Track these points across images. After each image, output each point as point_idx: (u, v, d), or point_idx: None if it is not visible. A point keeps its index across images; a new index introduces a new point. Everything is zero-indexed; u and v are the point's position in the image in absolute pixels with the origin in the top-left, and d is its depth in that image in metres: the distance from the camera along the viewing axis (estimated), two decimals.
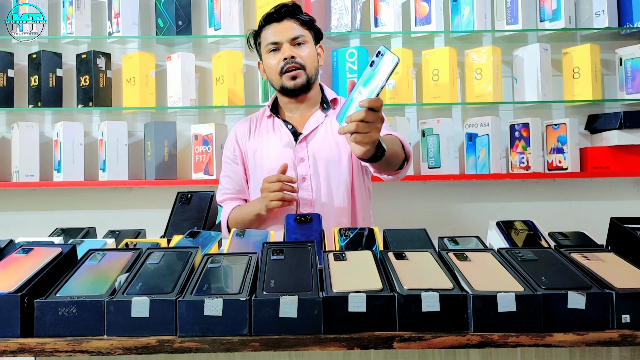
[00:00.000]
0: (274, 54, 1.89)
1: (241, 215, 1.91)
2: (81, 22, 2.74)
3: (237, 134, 2.04)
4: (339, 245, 1.46)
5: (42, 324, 1.08)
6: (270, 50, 1.89)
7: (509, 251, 1.30)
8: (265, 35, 1.91)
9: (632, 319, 1.09)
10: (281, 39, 1.87)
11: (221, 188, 2.04)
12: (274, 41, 1.88)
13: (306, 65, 1.88)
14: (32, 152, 2.72)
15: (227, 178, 2.03)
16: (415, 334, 1.06)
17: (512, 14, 2.73)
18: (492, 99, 2.70)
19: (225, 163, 2.05)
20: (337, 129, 1.84)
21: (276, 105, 2.03)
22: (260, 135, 1.99)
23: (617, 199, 2.86)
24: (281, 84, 1.90)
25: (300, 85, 1.89)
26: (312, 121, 1.94)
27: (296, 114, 1.98)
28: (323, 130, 1.93)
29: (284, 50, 1.87)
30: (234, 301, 1.07)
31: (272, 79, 1.93)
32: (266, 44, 1.90)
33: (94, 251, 1.32)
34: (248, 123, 2.05)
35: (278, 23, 1.88)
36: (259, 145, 1.97)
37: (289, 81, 1.88)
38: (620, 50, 2.75)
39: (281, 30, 1.87)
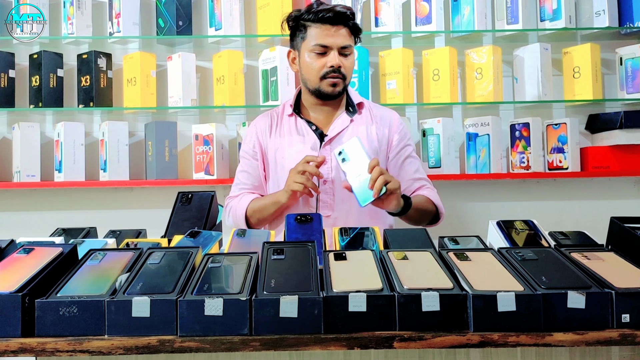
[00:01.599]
0: (319, 57, 1.85)
1: (261, 205, 1.88)
2: (82, 22, 2.74)
3: (257, 130, 2.00)
4: (339, 245, 1.46)
5: (43, 323, 1.08)
6: (315, 51, 1.85)
7: (509, 251, 1.30)
8: (314, 33, 1.85)
9: (632, 318, 1.09)
10: (332, 45, 1.83)
11: (238, 182, 2.01)
12: (325, 45, 1.84)
13: (347, 76, 1.88)
14: (33, 152, 2.72)
15: (246, 173, 2.00)
16: (416, 334, 1.07)
17: (513, 13, 2.73)
18: (492, 98, 2.70)
19: (243, 158, 2.02)
20: (363, 134, 1.92)
21: (297, 104, 2.00)
22: (282, 134, 1.96)
23: (617, 198, 2.86)
24: (318, 87, 1.88)
25: (338, 92, 1.89)
26: (337, 124, 1.93)
27: (321, 115, 1.96)
28: (348, 134, 1.92)
29: (332, 58, 1.83)
30: (235, 301, 1.07)
31: (308, 79, 1.90)
32: (314, 43, 1.84)
33: (94, 251, 1.32)
34: (269, 119, 2.01)
35: (331, 26, 1.83)
36: (281, 144, 1.94)
37: (329, 87, 1.87)
38: (620, 49, 2.75)
39: (333, 36, 1.83)
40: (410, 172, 1.98)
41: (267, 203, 1.87)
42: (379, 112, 2.01)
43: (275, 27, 2.73)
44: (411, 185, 1.97)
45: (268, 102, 2.74)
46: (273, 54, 2.72)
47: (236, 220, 1.92)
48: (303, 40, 1.89)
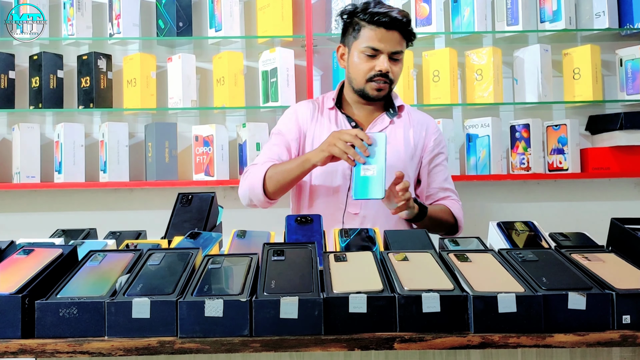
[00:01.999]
0: (369, 59, 1.84)
1: (284, 166, 1.81)
2: (82, 23, 2.74)
3: (298, 114, 1.98)
4: (339, 246, 1.46)
5: (42, 325, 1.08)
6: (365, 52, 1.83)
7: (510, 252, 1.30)
8: (367, 34, 1.83)
9: (632, 319, 1.09)
10: (383, 49, 1.82)
11: (264, 154, 1.93)
12: (376, 48, 1.82)
13: (394, 81, 1.88)
14: (33, 153, 2.72)
15: (276, 147, 1.94)
16: (416, 335, 1.06)
17: (513, 14, 2.73)
18: (492, 99, 2.70)
19: (276, 135, 1.97)
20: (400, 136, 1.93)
21: (339, 98, 1.99)
22: (322, 125, 1.95)
23: (617, 199, 2.86)
24: (363, 89, 1.88)
25: (382, 97, 1.90)
26: (377, 123, 1.93)
27: (362, 112, 1.96)
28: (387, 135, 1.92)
29: (381, 62, 1.82)
30: (235, 302, 1.07)
31: (354, 78, 1.89)
32: (366, 45, 1.83)
33: (94, 252, 1.32)
34: (311, 106, 1.99)
35: (386, 30, 1.81)
36: (318, 134, 1.93)
37: (373, 91, 1.87)
38: (620, 51, 2.75)
39: (386, 40, 1.81)
40: (439, 180, 1.99)
41: (293, 164, 1.79)
42: (417, 117, 2.02)
43: (275, 28, 2.73)
44: (437, 194, 1.98)
45: (268, 103, 2.74)
46: (273, 55, 2.72)
47: (252, 184, 1.84)
48: (355, 40, 1.87)
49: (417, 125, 1.99)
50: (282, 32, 2.73)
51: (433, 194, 1.98)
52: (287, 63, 2.72)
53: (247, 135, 2.72)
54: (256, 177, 1.84)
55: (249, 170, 1.90)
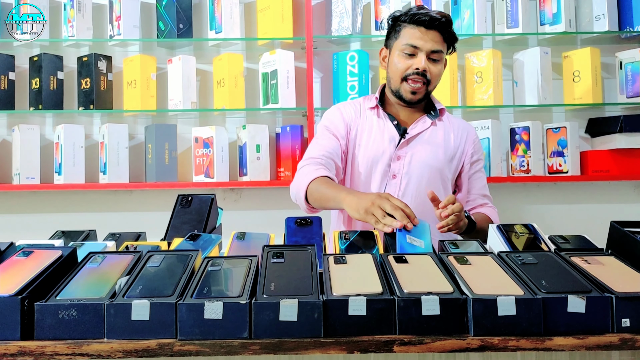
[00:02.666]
0: (407, 57, 1.86)
1: (324, 195, 1.72)
2: (82, 25, 2.75)
3: (342, 111, 1.99)
4: (339, 248, 1.46)
5: (42, 327, 1.08)
6: (405, 51, 1.86)
7: (509, 255, 1.30)
8: (406, 33, 1.86)
9: (632, 322, 1.09)
10: (421, 47, 1.83)
11: (318, 146, 1.91)
12: (415, 45, 1.84)
13: (432, 82, 1.88)
14: (33, 154, 2.72)
15: (321, 146, 1.90)
16: (415, 338, 1.06)
17: (513, 17, 2.73)
18: (492, 102, 2.71)
19: (324, 132, 1.95)
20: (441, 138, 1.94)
21: (382, 97, 2.01)
22: (364, 123, 1.96)
23: (617, 202, 2.86)
24: (399, 89, 1.89)
25: (417, 100, 1.90)
26: (419, 124, 1.94)
27: (403, 112, 1.98)
28: (428, 136, 1.94)
29: (419, 60, 1.84)
30: (234, 304, 1.07)
31: (392, 78, 1.92)
32: (405, 43, 1.85)
33: (94, 254, 1.32)
34: (352, 106, 2.01)
35: (425, 29, 1.84)
36: (360, 131, 1.95)
37: (408, 94, 1.88)
38: (620, 53, 2.75)
39: (425, 39, 1.83)
40: (478, 187, 2.01)
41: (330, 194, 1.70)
42: (458, 122, 2.05)
43: (275, 30, 2.73)
44: (476, 200, 2.00)
45: (268, 105, 2.74)
46: (273, 57, 2.72)
47: (297, 192, 1.82)
48: (396, 40, 1.90)
49: (458, 130, 2.01)
50: (282, 34, 2.73)
51: (472, 200, 2.01)
52: (287, 65, 2.73)
53: (247, 137, 2.72)
54: (301, 185, 1.80)
55: (302, 168, 1.86)
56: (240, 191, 2.87)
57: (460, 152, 1.99)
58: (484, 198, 2.02)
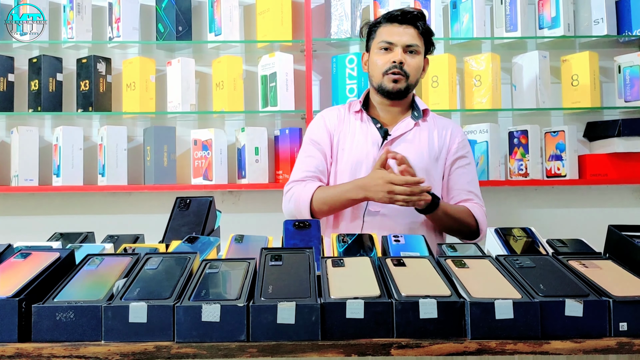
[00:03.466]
0: (384, 53, 1.90)
1: (332, 196, 1.85)
2: (82, 26, 2.75)
3: (325, 120, 2.02)
4: (337, 251, 1.46)
5: (39, 329, 1.08)
6: (382, 47, 1.91)
7: (507, 258, 1.30)
8: (381, 32, 1.93)
9: (629, 326, 1.09)
10: (396, 42, 1.89)
11: (302, 166, 1.98)
12: (389, 41, 1.89)
13: (410, 75, 1.91)
14: (32, 156, 2.72)
15: (311, 158, 1.98)
16: (413, 341, 1.06)
17: (511, 21, 2.74)
18: (491, 105, 2.71)
19: (307, 144, 2.01)
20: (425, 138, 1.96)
21: (366, 103, 2.04)
22: (348, 127, 1.99)
23: (615, 206, 2.87)
24: (380, 83, 1.92)
25: (398, 89, 1.91)
26: (402, 125, 1.96)
27: (387, 115, 2.00)
28: (411, 136, 1.95)
29: (395, 54, 1.89)
30: (232, 307, 1.07)
31: (373, 75, 1.95)
32: (380, 40, 1.91)
33: (92, 256, 1.32)
34: (336, 112, 2.04)
35: (399, 25, 1.90)
36: (343, 136, 1.98)
37: (390, 83, 1.90)
38: (619, 57, 2.76)
39: (399, 33, 1.89)
40: (462, 182, 1.98)
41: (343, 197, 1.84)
42: (442, 121, 2.05)
43: (274, 32, 2.73)
44: (458, 195, 1.97)
45: (267, 108, 2.74)
46: (272, 59, 2.72)
47: (298, 207, 1.88)
48: (373, 40, 1.96)
49: (442, 128, 2.01)
50: (282, 37, 2.74)
51: (455, 195, 1.97)
52: (286, 68, 2.73)
53: (246, 139, 2.72)
54: (303, 199, 1.87)
55: (292, 190, 1.93)
56: (239, 194, 2.87)
57: (444, 151, 1.99)
58: (469, 194, 1.97)
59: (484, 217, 1.93)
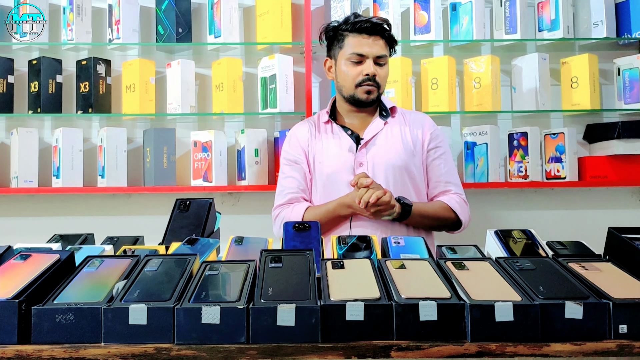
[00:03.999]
0: (355, 65, 1.93)
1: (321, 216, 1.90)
2: (81, 28, 2.75)
3: (298, 137, 2.05)
4: (337, 253, 1.46)
5: (39, 331, 1.08)
6: (352, 59, 1.93)
7: (507, 260, 1.30)
8: (350, 42, 1.94)
9: (629, 329, 1.09)
10: (367, 53, 1.91)
11: (283, 189, 2.02)
12: (360, 53, 1.91)
13: (381, 85, 1.95)
14: (31, 157, 2.71)
15: (291, 179, 2.02)
16: (413, 343, 1.06)
17: (511, 23, 2.74)
18: (490, 107, 2.71)
19: (285, 165, 2.05)
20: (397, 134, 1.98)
21: (333, 111, 2.06)
22: (320, 140, 2.01)
23: (615, 208, 2.87)
24: (353, 94, 1.95)
25: (371, 100, 1.95)
26: (372, 127, 1.98)
27: (356, 120, 2.02)
28: (383, 137, 1.97)
29: (367, 66, 1.91)
30: (232, 309, 1.07)
31: (343, 86, 1.97)
32: (351, 52, 1.93)
33: (92, 258, 1.32)
34: (307, 126, 2.07)
35: (368, 36, 1.92)
36: (319, 149, 2.00)
37: (363, 94, 1.93)
38: (618, 60, 2.76)
39: (369, 45, 1.91)
40: (438, 173, 2.00)
41: (330, 216, 1.90)
42: (412, 116, 2.07)
43: (274, 34, 2.74)
44: (436, 188, 2.00)
45: (267, 110, 2.74)
46: (272, 61, 2.72)
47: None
48: (340, 49, 1.97)
49: (413, 123, 2.03)
50: (281, 39, 2.74)
51: (433, 187, 2.01)
52: (286, 69, 2.73)
53: (246, 141, 2.72)
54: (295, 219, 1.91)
55: (281, 214, 1.98)
56: (239, 195, 2.87)
57: (419, 144, 2.00)
58: (447, 185, 2.00)
59: (463, 207, 1.97)
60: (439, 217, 1.92)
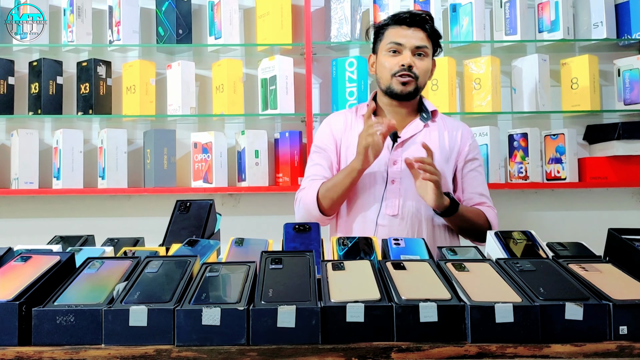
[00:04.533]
0: (393, 55, 1.88)
1: (333, 182, 1.85)
2: (82, 30, 2.75)
3: (331, 126, 2.01)
4: (337, 254, 1.46)
5: (39, 332, 1.08)
6: (390, 49, 1.88)
7: (507, 261, 1.30)
8: (389, 33, 1.90)
9: (629, 330, 1.09)
10: (405, 43, 1.87)
11: (309, 175, 1.97)
12: (398, 42, 1.87)
13: (419, 77, 1.89)
14: (32, 159, 2.72)
15: (319, 166, 1.97)
16: (413, 345, 1.06)
17: (511, 24, 2.74)
18: (490, 109, 2.71)
19: (315, 153, 2.01)
20: (435, 139, 1.94)
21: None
22: (355, 132, 1.95)
23: (615, 209, 2.87)
24: (389, 85, 1.90)
25: (407, 92, 1.90)
26: (411, 127, 1.95)
27: (396, 117, 1.96)
28: (421, 138, 1.93)
29: (404, 56, 1.87)
30: (232, 310, 1.07)
31: (381, 77, 1.93)
32: (388, 42, 1.89)
33: (92, 259, 1.32)
34: (343, 117, 2.03)
35: (407, 27, 1.88)
36: (352, 141, 1.94)
37: (399, 85, 1.88)
38: (618, 61, 2.76)
39: (408, 36, 1.87)
40: (474, 185, 1.98)
41: (340, 176, 1.84)
42: (452, 122, 2.04)
43: (274, 36, 2.74)
44: (472, 199, 1.97)
45: (267, 111, 2.75)
46: (272, 62, 2.73)
47: (307, 207, 1.88)
48: (380, 42, 1.94)
49: (452, 130, 2.00)
50: (282, 40, 2.74)
51: (468, 199, 1.97)
52: (286, 71, 2.73)
53: (246, 142, 2.72)
54: (310, 199, 1.88)
55: (300, 196, 1.93)
56: (239, 197, 2.87)
57: (455, 152, 1.98)
58: (482, 197, 1.98)
59: (496, 220, 1.95)
60: (475, 222, 1.88)
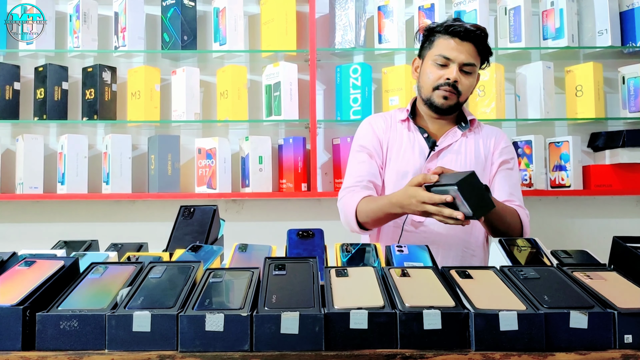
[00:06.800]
0: (439, 67, 1.84)
1: (373, 211, 1.76)
2: (87, 36, 2.77)
3: (373, 125, 1.97)
4: (340, 261, 1.46)
5: (43, 337, 1.08)
6: (437, 61, 1.84)
7: (511, 269, 1.30)
8: (440, 44, 1.85)
9: (634, 339, 1.09)
10: (454, 58, 1.81)
11: (353, 173, 1.92)
12: (447, 56, 1.82)
13: (462, 93, 1.86)
14: (37, 164, 2.73)
15: (362, 164, 1.92)
16: (417, 352, 1.06)
17: (516, 32, 2.74)
18: (495, 116, 2.71)
19: (357, 152, 1.96)
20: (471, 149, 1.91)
21: (413, 111, 1.99)
22: (394, 136, 1.94)
23: (620, 217, 2.86)
24: (430, 97, 1.87)
25: (448, 106, 1.86)
26: (449, 135, 1.92)
27: (434, 125, 1.95)
28: (457, 147, 1.91)
29: (450, 70, 1.82)
30: (235, 317, 1.06)
31: (423, 87, 1.89)
32: (438, 53, 1.83)
33: (96, 264, 1.32)
34: (382, 119, 1.99)
35: (460, 41, 1.82)
36: (391, 144, 1.93)
37: (439, 99, 1.85)
38: (623, 68, 2.76)
39: (458, 50, 1.81)
40: (504, 185, 1.92)
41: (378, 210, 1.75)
42: (487, 130, 2.01)
43: (279, 42, 2.75)
44: (499, 198, 1.90)
45: (271, 117, 2.75)
46: (277, 69, 2.73)
47: (347, 218, 1.85)
48: (429, 49, 1.88)
49: (486, 137, 1.97)
50: (286, 47, 2.75)
51: (497, 197, 1.89)
52: (290, 77, 2.74)
53: (250, 148, 2.73)
54: (349, 211, 1.83)
55: (343, 197, 1.89)
56: (243, 202, 2.88)
57: (489, 159, 1.95)
58: (511, 195, 1.91)
59: (528, 220, 1.88)
60: (509, 221, 1.81)
